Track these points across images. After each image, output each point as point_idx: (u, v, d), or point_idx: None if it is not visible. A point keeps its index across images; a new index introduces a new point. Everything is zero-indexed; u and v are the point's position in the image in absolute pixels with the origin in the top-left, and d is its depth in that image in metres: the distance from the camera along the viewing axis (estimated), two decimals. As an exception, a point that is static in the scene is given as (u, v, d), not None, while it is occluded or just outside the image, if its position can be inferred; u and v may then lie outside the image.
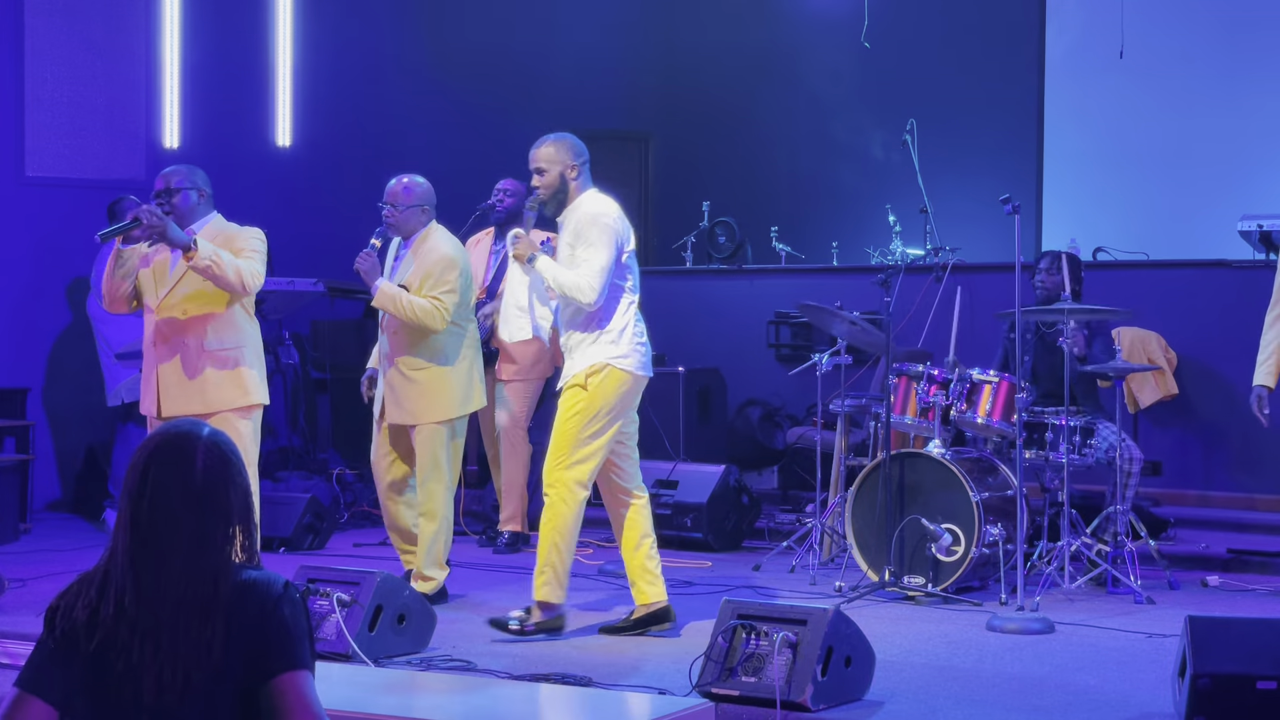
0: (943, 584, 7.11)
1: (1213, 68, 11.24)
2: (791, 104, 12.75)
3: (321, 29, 11.05)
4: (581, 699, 5.17)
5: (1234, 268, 9.10)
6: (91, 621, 2.80)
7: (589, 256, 6.24)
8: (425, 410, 6.91)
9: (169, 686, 2.76)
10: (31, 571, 7.62)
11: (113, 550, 2.84)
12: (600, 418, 6.25)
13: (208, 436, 2.88)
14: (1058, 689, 5.61)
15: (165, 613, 2.78)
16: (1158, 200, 11.36)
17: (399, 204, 6.97)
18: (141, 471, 2.85)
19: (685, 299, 10.77)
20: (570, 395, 6.30)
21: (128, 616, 2.79)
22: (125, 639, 2.78)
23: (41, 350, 9.84)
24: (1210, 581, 7.60)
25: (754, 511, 8.91)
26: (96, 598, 2.81)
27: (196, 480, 2.83)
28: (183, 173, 6.32)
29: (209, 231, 6.23)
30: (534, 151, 6.46)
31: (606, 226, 6.29)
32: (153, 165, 10.21)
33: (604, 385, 6.25)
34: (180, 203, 6.23)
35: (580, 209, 6.38)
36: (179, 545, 2.81)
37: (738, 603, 5.46)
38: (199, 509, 2.83)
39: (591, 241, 6.25)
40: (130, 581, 2.80)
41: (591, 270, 6.21)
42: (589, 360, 6.28)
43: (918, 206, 10.18)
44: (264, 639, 2.80)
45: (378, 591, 5.90)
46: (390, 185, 7.02)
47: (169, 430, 2.90)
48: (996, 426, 7.44)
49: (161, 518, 2.82)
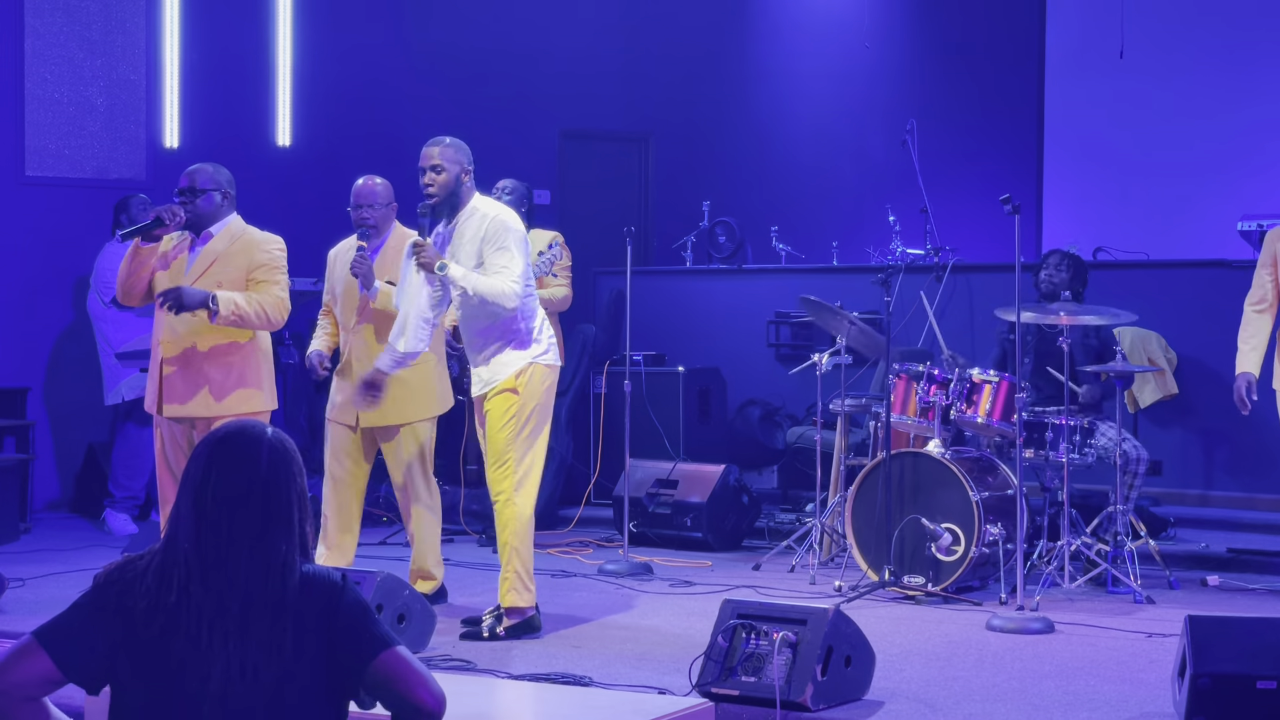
0: (942, 583, 7.11)
1: (1213, 68, 11.24)
2: (791, 104, 12.74)
3: (321, 29, 11.05)
4: (581, 699, 5.17)
5: (1234, 268, 9.10)
6: (153, 607, 2.83)
7: (507, 263, 6.21)
8: (416, 408, 6.86)
9: (238, 679, 2.80)
10: (31, 571, 7.62)
11: (172, 539, 2.89)
12: (534, 416, 6.31)
13: (271, 434, 2.96)
14: (1057, 689, 5.61)
15: (235, 604, 2.83)
16: (1158, 200, 11.35)
17: (377, 203, 6.87)
18: (206, 464, 2.91)
19: (685, 299, 10.77)
20: (502, 400, 6.30)
21: (194, 604, 2.82)
22: (192, 627, 2.81)
23: (41, 350, 9.84)
24: (1210, 581, 7.60)
25: (754, 511, 8.92)
26: (155, 584, 2.84)
27: (262, 474, 2.90)
28: (208, 172, 6.27)
29: (227, 234, 6.21)
30: (429, 150, 6.33)
31: (518, 232, 6.30)
32: (153, 165, 10.22)
33: (532, 385, 6.31)
34: (203, 204, 6.21)
35: (482, 213, 6.33)
36: (245, 537, 2.87)
37: (738, 602, 5.47)
38: (264, 503, 2.90)
39: (506, 247, 6.23)
40: (197, 570, 2.85)
41: (514, 276, 6.20)
42: (514, 364, 6.31)
43: (918, 206, 10.18)
44: (343, 634, 2.87)
45: (378, 591, 5.90)
46: (360, 187, 6.90)
47: (232, 426, 2.97)
48: (996, 426, 7.44)
49: (228, 509, 2.88)
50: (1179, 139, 11.30)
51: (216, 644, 2.80)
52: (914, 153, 10.17)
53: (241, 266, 6.21)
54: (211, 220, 6.23)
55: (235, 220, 6.29)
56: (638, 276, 8.70)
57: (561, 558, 8.36)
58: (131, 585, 2.85)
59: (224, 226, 6.24)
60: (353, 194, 6.93)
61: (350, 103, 11.25)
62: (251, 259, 6.19)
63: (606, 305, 10.51)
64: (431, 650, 6.05)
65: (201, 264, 6.20)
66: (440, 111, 11.61)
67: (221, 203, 6.24)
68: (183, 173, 6.33)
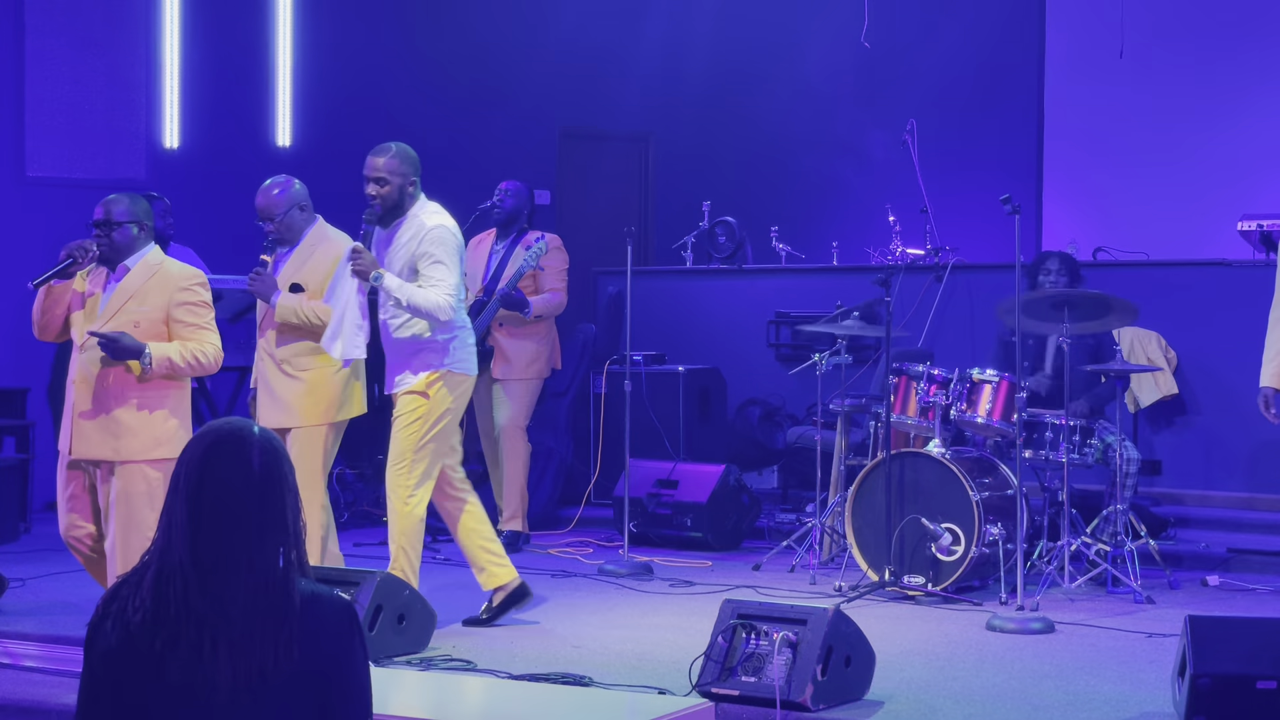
0: (943, 583, 7.11)
1: (1213, 68, 11.24)
2: (791, 104, 12.74)
3: (321, 29, 11.05)
4: (581, 699, 5.18)
5: (1234, 268, 9.10)
6: (151, 621, 2.76)
7: (442, 276, 6.25)
8: (306, 411, 6.49)
9: (244, 686, 2.74)
10: (31, 571, 7.62)
11: (164, 547, 2.81)
12: (440, 422, 6.36)
13: (260, 434, 2.89)
14: (1057, 689, 5.61)
15: (236, 610, 2.76)
16: (1158, 200, 11.35)
17: (275, 215, 6.54)
18: (199, 468, 2.83)
19: (685, 299, 10.77)
20: (410, 401, 6.35)
21: (195, 612, 2.76)
22: (193, 636, 2.75)
23: (41, 350, 9.81)
24: (1210, 581, 7.61)
25: (754, 511, 8.92)
26: (151, 598, 2.78)
27: (255, 476, 2.83)
28: (125, 204, 5.99)
29: (143, 268, 5.93)
30: (374, 160, 6.34)
31: (454, 244, 6.34)
32: (152, 165, 10.23)
33: (443, 391, 6.35)
34: (119, 237, 5.95)
35: (420, 222, 6.35)
36: (243, 541, 2.80)
37: (738, 602, 5.47)
38: (260, 504, 2.83)
39: (441, 259, 6.27)
40: (194, 577, 2.77)
41: (448, 289, 6.25)
42: (428, 367, 6.35)
43: (918, 206, 10.18)
44: (337, 675, 2.81)
45: (378, 591, 5.90)
46: (258, 202, 6.57)
47: (222, 427, 2.89)
48: (996, 426, 7.44)
49: (224, 513, 2.80)
50: (1179, 139, 11.30)
51: (221, 653, 2.74)
52: (914, 153, 10.17)
53: (159, 304, 5.92)
54: (128, 253, 5.96)
55: (153, 252, 6.01)
56: (638, 276, 8.70)
57: (561, 558, 8.36)
58: (123, 608, 2.79)
59: (140, 259, 5.96)
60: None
61: (350, 103, 11.25)
62: (171, 297, 5.92)
63: (606, 305, 10.51)
64: (431, 650, 6.05)
65: (117, 301, 5.93)
66: (440, 111, 11.62)
67: (138, 235, 5.96)
68: (98, 203, 6.07)
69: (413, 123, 11.50)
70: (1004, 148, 12.17)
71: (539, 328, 8.66)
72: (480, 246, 8.79)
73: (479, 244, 8.81)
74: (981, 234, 10.66)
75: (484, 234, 8.85)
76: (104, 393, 5.90)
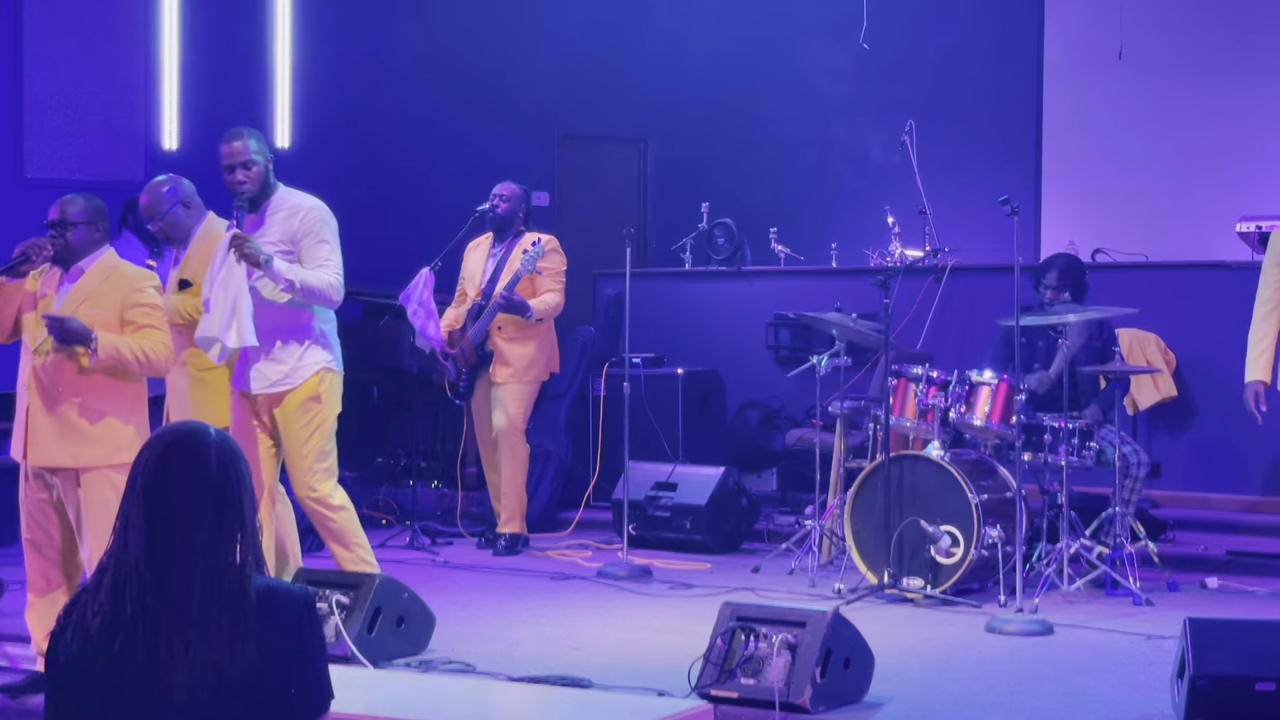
0: (942, 586, 7.11)
1: (1212, 68, 11.23)
2: (791, 104, 12.74)
3: (321, 29, 11.05)
4: (581, 701, 5.18)
5: (1234, 269, 9.10)
6: (109, 625, 2.77)
7: (330, 256, 6.21)
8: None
9: (201, 685, 2.75)
10: (30, 573, 7.60)
11: (121, 549, 2.82)
12: (331, 421, 6.34)
13: (216, 436, 2.90)
14: (1057, 691, 5.61)
15: (191, 609, 2.77)
16: (1158, 200, 11.35)
17: (158, 213, 6.51)
18: (156, 470, 2.84)
19: (684, 300, 10.76)
20: (305, 408, 6.26)
21: (150, 615, 2.77)
22: (149, 638, 2.76)
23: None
24: (1209, 583, 7.61)
25: (753, 513, 8.91)
26: (109, 601, 2.78)
27: (212, 477, 2.84)
28: (80, 204, 5.87)
29: (98, 270, 5.81)
30: (233, 145, 6.28)
31: (334, 224, 6.30)
32: (151, 166, 10.21)
33: (331, 391, 6.33)
34: (74, 237, 5.81)
35: (293, 204, 6.30)
36: (199, 542, 2.81)
37: (737, 604, 5.47)
38: (217, 506, 2.84)
39: (326, 239, 6.24)
40: (150, 579, 2.78)
41: (337, 269, 6.21)
42: (313, 367, 6.28)
43: (916, 207, 10.18)
44: (295, 666, 2.82)
45: (376, 594, 5.90)
46: (142, 201, 6.54)
47: (177, 430, 2.90)
48: (995, 428, 7.44)
49: (180, 515, 2.82)
50: (1178, 140, 11.29)
51: (177, 653, 2.75)
52: (913, 153, 10.16)
53: (113, 306, 5.78)
54: (83, 254, 5.83)
55: (108, 254, 5.89)
56: (636, 278, 8.70)
57: (560, 560, 8.35)
58: (82, 617, 2.79)
59: (95, 261, 5.84)
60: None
61: (350, 104, 11.25)
62: (125, 299, 5.79)
63: (605, 307, 10.50)
64: (431, 652, 6.05)
65: (71, 303, 5.79)
66: (439, 113, 11.62)
67: (93, 236, 5.84)
68: (53, 203, 5.94)
69: (412, 125, 11.51)
70: (1003, 149, 12.16)
71: (538, 331, 8.65)
72: (477, 250, 8.78)
73: (476, 247, 8.80)
74: (980, 235, 10.65)
75: (481, 237, 8.84)
76: (57, 396, 5.73)
